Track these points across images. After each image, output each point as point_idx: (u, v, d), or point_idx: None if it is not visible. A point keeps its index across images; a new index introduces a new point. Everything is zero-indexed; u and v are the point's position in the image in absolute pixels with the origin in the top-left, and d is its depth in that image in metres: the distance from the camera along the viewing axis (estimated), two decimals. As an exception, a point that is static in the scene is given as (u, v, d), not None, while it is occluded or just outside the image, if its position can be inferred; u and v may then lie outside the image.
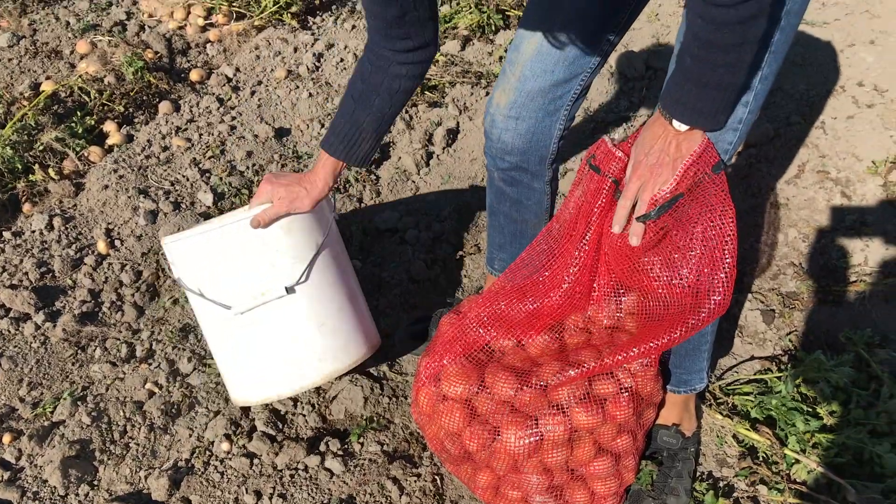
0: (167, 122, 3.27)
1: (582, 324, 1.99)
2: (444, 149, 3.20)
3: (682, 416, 2.12)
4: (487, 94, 3.44)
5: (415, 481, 2.12)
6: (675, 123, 1.52)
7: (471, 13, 3.76)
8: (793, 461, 2.10)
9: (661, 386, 1.99)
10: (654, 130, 1.58)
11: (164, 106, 3.33)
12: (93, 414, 2.23)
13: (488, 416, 1.87)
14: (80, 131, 3.12)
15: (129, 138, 3.20)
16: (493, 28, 3.76)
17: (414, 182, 3.08)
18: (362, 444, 2.20)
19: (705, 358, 2.03)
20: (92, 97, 3.25)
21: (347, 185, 3.00)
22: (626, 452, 1.92)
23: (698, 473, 2.16)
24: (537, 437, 1.83)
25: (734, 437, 2.21)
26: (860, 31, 3.61)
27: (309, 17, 3.96)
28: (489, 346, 1.94)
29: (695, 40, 1.38)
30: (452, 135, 3.25)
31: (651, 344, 1.63)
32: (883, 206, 2.87)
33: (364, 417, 2.27)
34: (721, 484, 2.13)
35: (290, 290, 1.96)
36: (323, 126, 3.31)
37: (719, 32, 1.32)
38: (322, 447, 2.19)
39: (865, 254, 2.72)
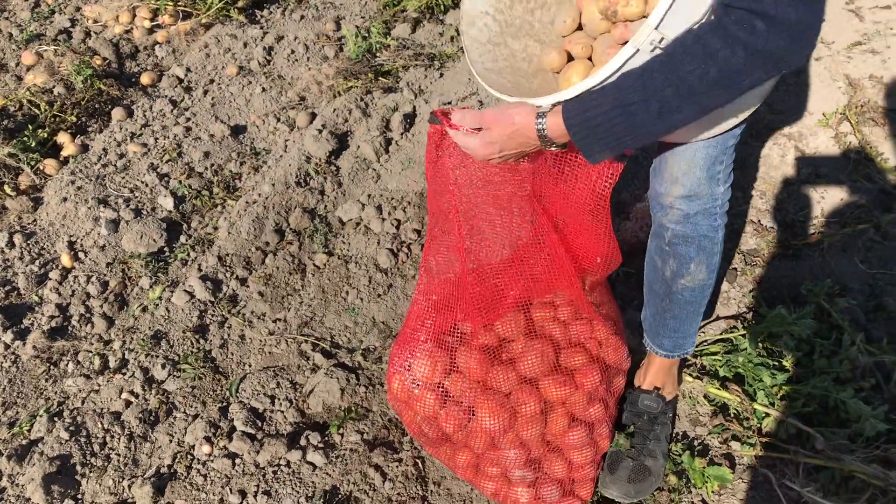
0: (121, 128, 3.24)
1: (548, 298, 2.02)
2: (402, 134, 3.20)
3: (665, 380, 2.17)
4: (441, 75, 3.44)
5: (397, 466, 2.14)
6: (549, 131, 1.40)
7: (419, -5, 3.75)
8: (763, 415, 2.16)
9: (628, 353, 2.03)
10: (517, 128, 1.46)
11: (118, 112, 3.30)
12: (70, 428, 2.23)
13: (462, 397, 1.90)
14: (33, 145, 3.08)
15: (85, 148, 3.17)
16: (443, 8, 3.75)
17: (374, 170, 3.08)
18: (342, 435, 2.22)
19: (700, 320, 2.08)
20: (42, 109, 3.21)
21: (308, 179, 3.00)
22: (599, 421, 1.96)
23: (674, 434, 2.21)
24: (511, 413, 1.86)
25: (705, 396, 2.26)
26: (804, -15, 3.65)
27: (256, 11, 3.93)
28: (458, 328, 1.96)
29: (685, 40, 1.20)
30: (410, 119, 3.25)
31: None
32: (835, 157, 2.92)
33: (342, 408, 2.29)
34: (696, 443, 2.18)
35: None
36: (279, 120, 3.29)
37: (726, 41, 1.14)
38: (303, 441, 2.21)
39: (821, 206, 2.77)
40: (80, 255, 2.75)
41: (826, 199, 2.79)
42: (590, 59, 1.64)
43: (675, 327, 2.05)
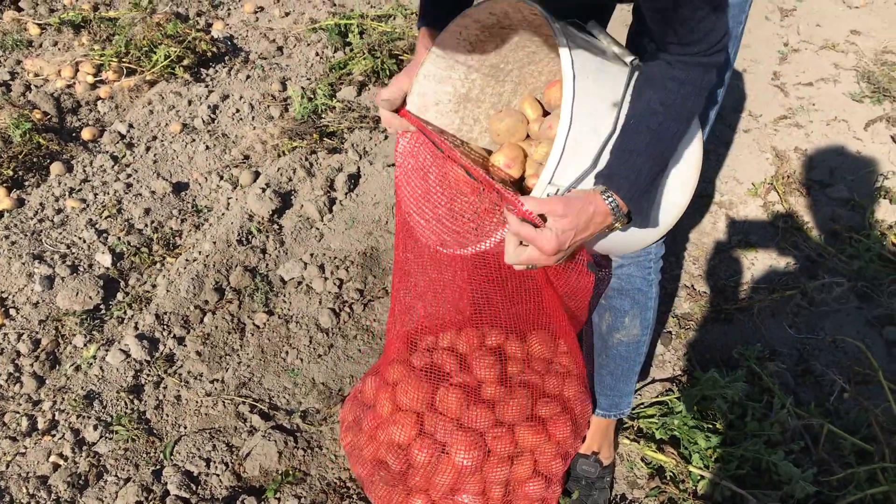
0: (60, 183, 3.19)
1: (521, 354, 2.06)
2: (346, 194, 3.23)
3: (602, 443, 2.20)
4: (386, 137, 3.50)
5: (335, 532, 2.11)
6: (615, 209, 1.42)
7: (365, 59, 3.82)
8: (698, 477, 2.20)
9: (591, 409, 2.07)
10: (592, 216, 1.42)
11: (56, 167, 3.25)
12: (-7, 494, 2.15)
13: (436, 433, 1.91)
14: (-34, 198, 3.01)
15: (21, 202, 3.10)
16: (388, 72, 3.82)
17: (318, 229, 3.09)
18: (279, 500, 2.18)
19: (635, 380, 2.13)
20: (-23, 162, 3.15)
21: (250, 237, 2.99)
22: (556, 478, 1.97)
23: (612, 497, 2.23)
24: (483, 452, 1.87)
25: (642, 459, 2.29)
26: (733, 61, 3.84)
27: (202, 70, 3.94)
28: (436, 365, 1.98)
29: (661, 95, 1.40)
30: (354, 180, 3.29)
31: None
32: (764, 225, 3.05)
33: (279, 472, 2.25)
34: (633, 505, 2.20)
35: None
36: (222, 178, 3.29)
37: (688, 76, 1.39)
38: (238, 506, 2.16)
39: (751, 272, 2.88)
40: (12, 311, 2.67)
41: (756, 265, 2.90)
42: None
43: (611, 384, 2.10)
